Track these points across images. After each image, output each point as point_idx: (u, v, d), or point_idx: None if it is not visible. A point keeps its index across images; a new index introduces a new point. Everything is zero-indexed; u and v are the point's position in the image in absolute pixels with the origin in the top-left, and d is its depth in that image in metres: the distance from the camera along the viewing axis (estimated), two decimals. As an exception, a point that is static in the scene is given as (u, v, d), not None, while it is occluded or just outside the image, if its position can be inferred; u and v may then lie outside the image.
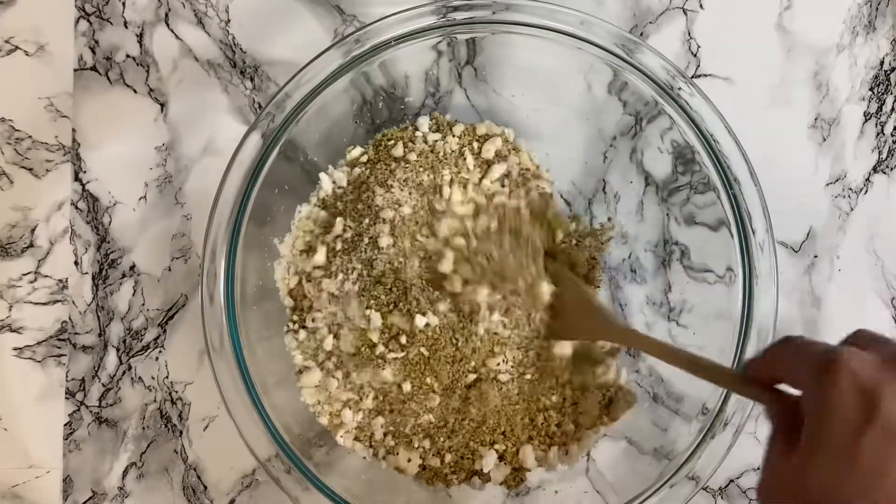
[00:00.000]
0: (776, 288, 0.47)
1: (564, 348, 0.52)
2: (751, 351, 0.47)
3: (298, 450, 0.48)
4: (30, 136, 0.58)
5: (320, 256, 0.52)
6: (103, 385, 0.57)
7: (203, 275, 0.47)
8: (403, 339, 0.50)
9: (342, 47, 0.48)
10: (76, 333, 0.57)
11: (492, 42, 0.52)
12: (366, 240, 0.51)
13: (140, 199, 0.58)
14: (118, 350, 0.57)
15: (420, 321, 0.50)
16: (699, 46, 0.58)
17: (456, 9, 0.48)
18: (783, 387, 0.35)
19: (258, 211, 0.49)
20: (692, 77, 0.57)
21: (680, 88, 0.48)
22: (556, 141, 0.56)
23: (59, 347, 0.58)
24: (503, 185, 0.54)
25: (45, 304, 0.58)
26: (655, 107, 0.49)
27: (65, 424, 0.57)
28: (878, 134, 0.58)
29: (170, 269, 0.57)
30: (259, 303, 0.52)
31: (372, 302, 0.51)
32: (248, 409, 0.47)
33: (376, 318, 0.50)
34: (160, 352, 0.57)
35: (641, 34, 0.58)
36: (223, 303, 0.47)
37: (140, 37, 0.58)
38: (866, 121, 0.58)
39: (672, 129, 0.49)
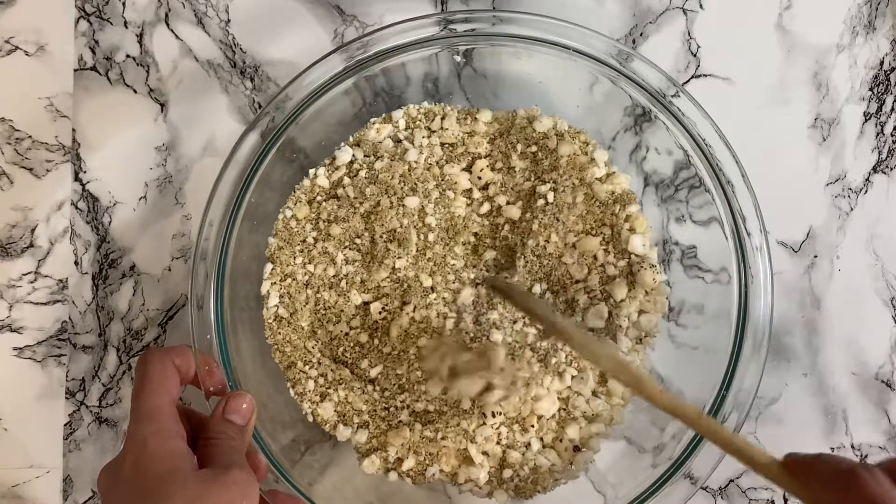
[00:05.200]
0: (772, 288, 0.48)
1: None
2: (748, 350, 0.47)
3: (287, 460, 0.48)
4: (30, 136, 0.58)
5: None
6: (103, 385, 0.57)
7: (192, 276, 0.47)
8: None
9: (343, 53, 0.48)
10: (76, 333, 0.57)
11: (491, 50, 0.52)
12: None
13: (140, 199, 0.58)
14: (118, 350, 0.57)
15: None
16: (699, 46, 0.58)
17: (457, 21, 0.49)
18: None
19: (254, 212, 0.50)
20: (693, 76, 0.57)
21: (674, 95, 0.48)
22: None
23: (59, 347, 0.58)
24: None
25: (45, 304, 0.58)
26: (651, 112, 0.50)
27: (65, 424, 0.57)
28: (877, 134, 0.58)
29: (170, 269, 0.57)
30: (249, 307, 0.52)
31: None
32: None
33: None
34: (160, 352, 0.57)
35: (641, 34, 0.58)
36: (212, 305, 0.47)
37: (140, 37, 0.58)
38: (866, 121, 0.58)
39: (669, 132, 0.50)
